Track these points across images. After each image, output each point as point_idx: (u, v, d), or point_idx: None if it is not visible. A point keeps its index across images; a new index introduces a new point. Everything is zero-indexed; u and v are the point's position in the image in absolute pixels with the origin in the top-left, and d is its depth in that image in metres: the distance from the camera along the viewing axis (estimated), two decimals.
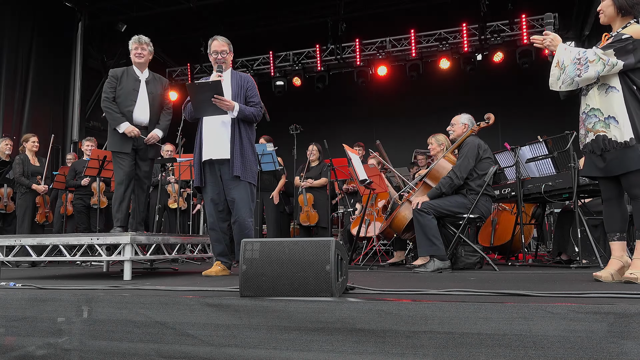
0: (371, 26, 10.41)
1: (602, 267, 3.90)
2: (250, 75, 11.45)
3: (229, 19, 10.44)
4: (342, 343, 1.76)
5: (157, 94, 4.16)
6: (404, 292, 2.21)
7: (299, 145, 6.09)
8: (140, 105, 4.08)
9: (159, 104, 4.20)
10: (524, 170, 4.80)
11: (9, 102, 7.96)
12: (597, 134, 2.64)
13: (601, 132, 2.62)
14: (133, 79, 4.10)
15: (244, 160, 3.60)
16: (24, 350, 2.11)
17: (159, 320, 2.00)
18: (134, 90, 4.05)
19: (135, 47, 4.12)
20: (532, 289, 2.12)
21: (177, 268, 4.76)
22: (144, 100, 4.10)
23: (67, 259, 3.36)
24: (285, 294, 1.94)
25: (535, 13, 9.61)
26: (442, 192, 4.05)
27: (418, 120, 10.59)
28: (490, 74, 10.08)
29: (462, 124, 4.38)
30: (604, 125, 2.62)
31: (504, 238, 5.77)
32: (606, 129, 2.60)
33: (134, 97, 4.05)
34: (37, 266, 5.40)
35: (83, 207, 6.48)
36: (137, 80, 4.11)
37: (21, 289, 2.42)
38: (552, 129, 6.20)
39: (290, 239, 2.04)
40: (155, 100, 4.15)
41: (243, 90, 3.70)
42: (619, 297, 1.86)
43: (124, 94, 4.04)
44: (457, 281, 2.89)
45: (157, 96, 4.17)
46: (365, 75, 10.46)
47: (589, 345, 1.53)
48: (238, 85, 3.71)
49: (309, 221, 6.33)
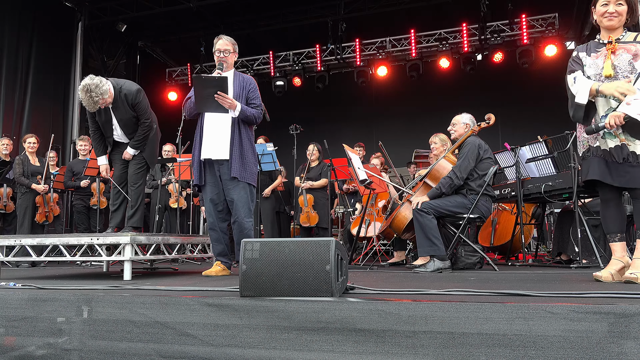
0: (371, 26, 10.41)
1: (602, 267, 3.90)
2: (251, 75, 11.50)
3: (229, 19, 10.45)
4: (342, 343, 1.76)
5: (126, 119, 4.08)
6: (404, 292, 2.21)
7: (299, 145, 6.09)
8: (117, 133, 4.16)
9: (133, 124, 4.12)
10: (524, 170, 4.80)
11: (9, 102, 7.96)
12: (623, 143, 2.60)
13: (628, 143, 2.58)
14: (104, 110, 4.04)
15: (243, 161, 3.60)
16: (24, 350, 2.12)
17: (159, 320, 2.00)
18: (107, 122, 4.09)
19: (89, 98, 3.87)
20: (532, 289, 2.12)
21: (177, 268, 4.76)
22: (117, 128, 4.14)
23: (67, 259, 3.36)
24: (285, 294, 1.94)
25: (535, 13, 9.61)
26: (442, 192, 4.05)
27: (418, 120, 10.60)
28: (490, 74, 10.08)
29: (463, 123, 4.38)
30: None
31: (504, 238, 5.77)
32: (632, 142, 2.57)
33: (109, 128, 4.12)
34: (37, 266, 5.40)
35: (83, 207, 6.48)
36: (108, 110, 4.06)
37: (21, 289, 2.42)
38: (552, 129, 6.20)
39: (290, 239, 2.04)
40: (127, 125, 4.12)
41: (245, 92, 3.70)
42: (619, 297, 1.86)
43: (103, 127, 4.13)
44: (457, 281, 2.89)
45: (128, 120, 4.10)
46: (365, 75, 10.46)
47: (589, 345, 1.53)
48: (240, 86, 3.71)
49: (309, 222, 6.33)
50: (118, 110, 4.03)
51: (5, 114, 7.88)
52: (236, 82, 3.71)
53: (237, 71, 3.83)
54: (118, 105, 4.01)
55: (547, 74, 9.81)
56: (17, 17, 8.22)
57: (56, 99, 9.03)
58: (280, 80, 10.86)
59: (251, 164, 3.66)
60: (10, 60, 8.03)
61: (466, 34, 9.77)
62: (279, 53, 11.04)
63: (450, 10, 9.54)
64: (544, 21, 9.67)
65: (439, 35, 10.18)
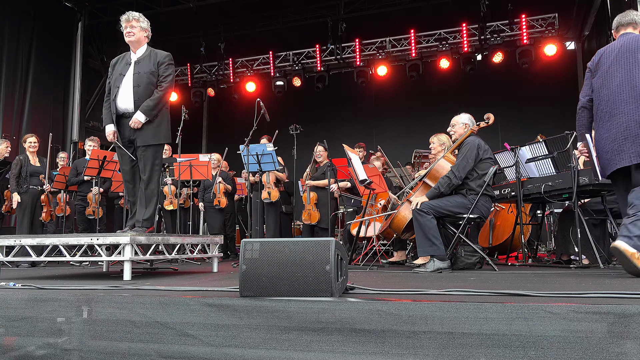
0: (371, 26, 10.41)
1: (602, 267, 3.91)
2: (251, 75, 11.48)
3: (229, 19, 10.46)
4: (342, 343, 1.76)
5: (144, 73, 3.70)
6: (404, 292, 2.21)
7: (299, 145, 6.09)
8: (123, 91, 3.72)
9: (148, 83, 3.72)
10: (524, 170, 4.80)
11: (9, 102, 7.97)
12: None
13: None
14: (125, 62, 3.81)
15: None
16: (24, 350, 2.11)
17: (158, 320, 1.99)
18: (120, 75, 3.74)
19: (124, 26, 3.79)
20: (532, 289, 2.12)
21: (177, 268, 4.76)
22: (128, 84, 3.72)
23: (67, 259, 3.36)
24: (285, 294, 1.94)
25: (535, 13, 9.61)
26: (440, 191, 4.05)
27: (418, 121, 10.60)
28: (490, 74, 10.09)
29: (462, 124, 4.38)
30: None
31: (502, 237, 5.78)
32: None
33: (118, 83, 3.73)
34: (37, 266, 5.40)
35: (83, 207, 6.48)
36: (128, 63, 3.78)
37: (21, 289, 2.42)
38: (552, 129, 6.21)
39: (290, 239, 2.04)
40: (141, 80, 3.70)
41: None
42: (619, 297, 1.86)
43: (112, 82, 3.81)
44: (457, 281, 2.89)
45: (145, 75, 3.70)
46: (365, 76, 10.47)
47: (589, 345, 1.53)
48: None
49: (310, 220, 6.33)
50: (140, 65, 3.77)
51: (5, 114, 7.89)
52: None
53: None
54: (144, 60, 3.80)
55: (547, 74, 9.83)
56: (17, 17, 8.23)
57: (56, 99, 9.04)
58: (280, 80, 10.87)
59: None
60: (10, 60, 8.04)
61: (466, 34, 9.77)
62: (279, 53, 11.04)
63: (450, 10, 9.54)
64: (544, 21, 9.67)
65: (439, 35, 10.18)
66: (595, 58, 3.35)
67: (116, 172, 6.14)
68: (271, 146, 5.83)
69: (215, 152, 7.43)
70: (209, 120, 13.28)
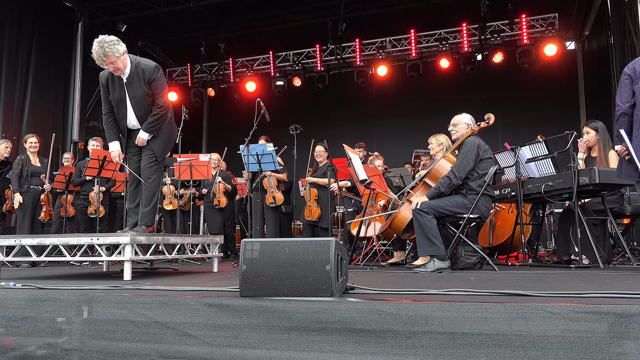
0: (371, 26, 10.41)
1: (602, 267, 3.91)
2: (251, 75, 11.48)
3: (229, 19, 10.46)
4: (342, 343, 1.76)
5: (139, 97, 3.86)
6: (404, 292, 2.21)
7: (299, 145, 6.09)
8: (130, 115, 3.95)
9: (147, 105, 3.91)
10: (524, 170, 4.80)
11: (9, 102, 7.97)
12: None
13: None
14: (118, 84, 3.87)
15: None
16: (24, 350, 2.12)
17: (159, 320, 2.00)
18: (121, 101, 3.90)
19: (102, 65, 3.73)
20: (532, 289, 2.12)
21: (177, 268, 4.76)
22: (130, 110, 3.94)
23: (67, 259, 3.36)
24: (285, 294, 1.94)
25: (535, 13, 9.61)
26: (440, 191, 4.05)
27: (418, 120, 10.61)
28: (490, 74, 10.09)
29: (465, 124, 4.37)
30: None
31: (502, 237, 5.78)
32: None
33: (123, 108, 3.92)
34: (37, 266, 5.40)
35: (85, 207, 6.49)
36: (121, 85, 3.86)
37: (21, 289, 2.42)
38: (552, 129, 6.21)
39: (290, 239, 2.04)
40: (139, 105, 3.89)
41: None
42: (619, 297, 1.86)
43: (116, 106, 3.95)
44: (457, 281, 2.89)
45: (141, 98, 3.87)
46: (365, 75, 10.46)
47: (589, 345, 1.53)
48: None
49: (311, 216, 6.33)
50: (132, 86, 3.83)
51: (5, 114, 7.89)
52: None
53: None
54: (133, 80, 3.81)
55: (547, 74, 9.83)
56: (17, 17, 8.23)
57: (56, 99, 9.04)
58: (280, 80, 10.87)
59: None
60: (10, 60, 8.04)
61: (466, 34, 9.77)
62: (279, 53, 11.04)
63: (450, 10, 9.54)
64: (544, 21, 9.67)
65: (439, 35, 10.18)
66: (637, 67, 3.43)
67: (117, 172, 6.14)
68: (271, 146, 5.84)
69: (215, 152, 7.44)
70: (209, 120, 13.29)
